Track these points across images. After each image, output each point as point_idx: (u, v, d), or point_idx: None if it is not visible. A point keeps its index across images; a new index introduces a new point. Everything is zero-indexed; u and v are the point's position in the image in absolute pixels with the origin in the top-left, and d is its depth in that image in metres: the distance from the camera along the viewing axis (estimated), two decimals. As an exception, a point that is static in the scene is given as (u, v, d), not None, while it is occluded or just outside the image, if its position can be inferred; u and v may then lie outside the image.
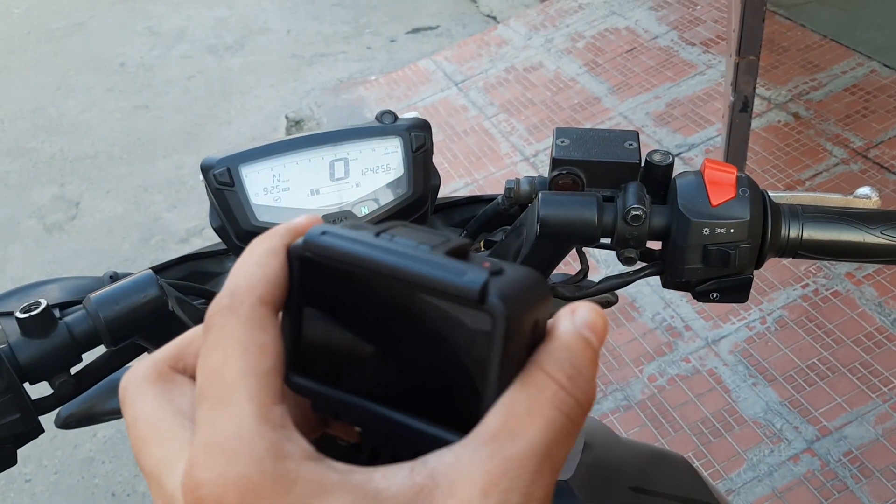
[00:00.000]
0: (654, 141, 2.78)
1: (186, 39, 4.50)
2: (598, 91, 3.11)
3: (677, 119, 2.85)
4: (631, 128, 2.87)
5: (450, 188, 2.84)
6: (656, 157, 0.62)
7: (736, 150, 2.07)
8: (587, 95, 3.11)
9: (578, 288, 0.68)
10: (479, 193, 0.96)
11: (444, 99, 3.40)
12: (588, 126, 2.96)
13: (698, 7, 3.39)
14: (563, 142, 0.64)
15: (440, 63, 3.68)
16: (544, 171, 1.93)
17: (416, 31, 4.31)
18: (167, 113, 3.85)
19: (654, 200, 0.62)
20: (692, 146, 2.71)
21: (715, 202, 0.58)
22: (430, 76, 3.61)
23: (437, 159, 2.85)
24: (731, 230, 0.57)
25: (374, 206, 0.74)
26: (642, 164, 0.63)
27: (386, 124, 0.76)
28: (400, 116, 0.78)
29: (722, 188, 0.58)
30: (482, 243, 0.75)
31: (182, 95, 3.98)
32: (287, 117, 3.69)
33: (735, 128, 2.04)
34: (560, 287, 0.68)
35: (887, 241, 0.59)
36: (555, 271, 0.68)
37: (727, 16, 2.16)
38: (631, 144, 0.63)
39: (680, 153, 2.70)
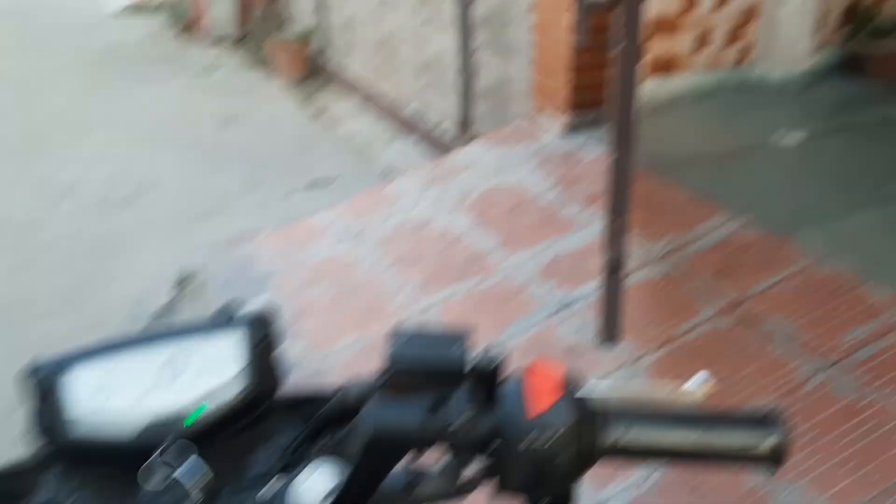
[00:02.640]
0: (538, 297, 2.85)
1: (77, 193, 4.44)
2: (486, 246, 3.20)
3: (562, 273, 2.94)
4: (517, 282, 2.95)
5: (340, 344, 2.81)
6: (482, 362, 0.63)
7: (610, 308, 2.14)
8: (475, 250, 3.19)
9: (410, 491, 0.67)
10: (322, 383, 0.94)
11: (338, 253, 3.43)
12: (478, 278, 3.01)
13: (581, 165, 3.58)
14: (397, 342, 0.65)
15: (335, 217, 3.73)
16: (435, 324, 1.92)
17: (312, 185, 4.39)
18: (46, 273, 3.74)
19: (484, 404, 0.62)
20: (575, 300, 2.79)
21: (534, 412, 0.58)
22: (325, 230, 3.64)
23: (329, 315, 2.78)
24: (550, 439, 0.58)
25: (211, 408, 0.71)
26: (470, 366, 0.63)
27: (225, 320, 0.75)
28: (245, 308, 0.77)
29: (542, 396, 0.59)
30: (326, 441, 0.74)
31: (66, 253, 3.88)
32: (174, 276, 3.62)
33: (608, 287, 2.12)
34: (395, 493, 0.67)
35: (705, 444, 0.61)
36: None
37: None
38: (460, 346, 0.64)
39: (568, 304, 2.77)
